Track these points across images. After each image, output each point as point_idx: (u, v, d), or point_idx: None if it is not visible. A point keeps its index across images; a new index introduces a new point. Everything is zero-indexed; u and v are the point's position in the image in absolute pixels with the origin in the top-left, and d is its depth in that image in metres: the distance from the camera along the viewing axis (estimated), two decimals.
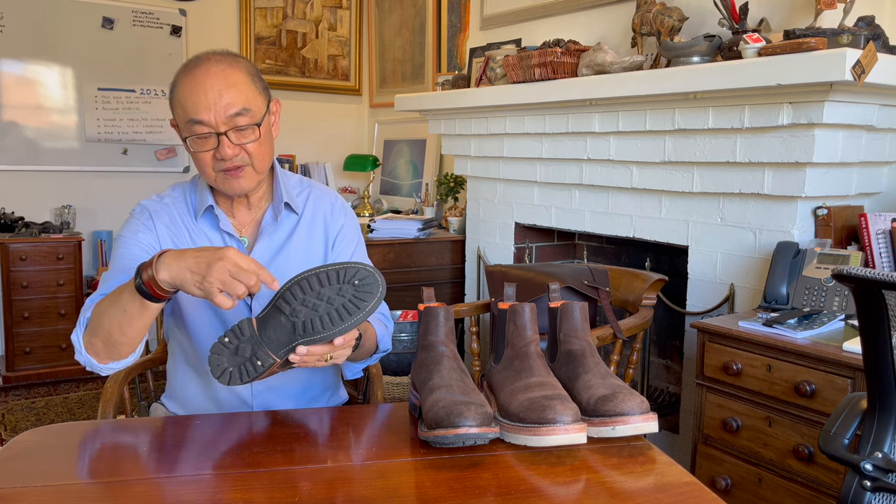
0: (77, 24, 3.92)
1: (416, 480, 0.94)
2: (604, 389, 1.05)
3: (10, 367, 3.61)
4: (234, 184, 1.33)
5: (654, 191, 2.35)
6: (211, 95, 1.27)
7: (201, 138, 1.29)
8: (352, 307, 1.05)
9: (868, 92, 1.83)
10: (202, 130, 1.28)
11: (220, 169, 1.32)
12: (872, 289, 0.93)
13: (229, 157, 1.29)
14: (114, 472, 0.99)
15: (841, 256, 1.83)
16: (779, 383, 1.61)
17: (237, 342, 1.08)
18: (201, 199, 1.41)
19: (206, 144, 1.30)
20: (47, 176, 3.93)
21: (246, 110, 1.30)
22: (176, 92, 1.31)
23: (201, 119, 1.27)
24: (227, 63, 1.31)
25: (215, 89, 1.28)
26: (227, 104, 1.28)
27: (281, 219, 1.43)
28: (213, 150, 1.30)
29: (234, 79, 1.30)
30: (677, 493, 0.91)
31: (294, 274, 1.12)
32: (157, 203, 1.44)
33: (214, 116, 1.27)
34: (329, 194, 1.53)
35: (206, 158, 1.31)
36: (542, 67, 2.51)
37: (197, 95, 1.27)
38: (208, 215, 1.42)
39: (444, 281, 3.43)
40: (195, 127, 1.29)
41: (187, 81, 1.29)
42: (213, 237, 1.42)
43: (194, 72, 1.30)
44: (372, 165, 4.27)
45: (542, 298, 2.03)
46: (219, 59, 1.32)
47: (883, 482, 1.01)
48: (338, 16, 4.73)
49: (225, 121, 1.28)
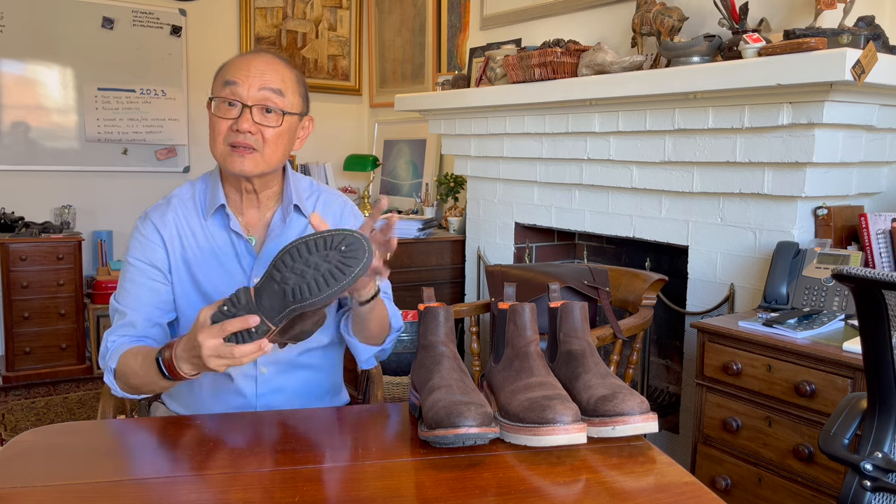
0: (77, 24, 3.92)
1: (416, 480, 0.94)
2: (604, 389, 1.05)
3: (10, 367, 3.61)
4: (238, 162, 1.33)
5: (654, 191, 2.35)
6: (254, 69, 1.32)
7: (226, 103, 1.32)
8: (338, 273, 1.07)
9: (868, 92, 1.83)
10: (231, 96, 1.31)
11: (231, 142, 1.32)
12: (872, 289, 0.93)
13: (244, 131, 1.30)
14: (114, 472, 0.99)
15: (841, 256, 1.83)
16: (779, 383, 1.61)
17: (234, 310, 1.10)
18: (213, 198, 1.41)
19: (228, 112, 1.32)
20: (47, 176, 3.93)
21: (280, 93, 1.33)
22: (222, 69, 1.36)
23: (236, 81, 1.31)
24: (281, 58, 1.39)
25: (261, 67, 1.33)
26: (264, 81, 1.32)
27: (290, 220, 1.43)
28: (233, 120, 1.31)
29: (281, 69, 1.36)
30: (677, 493, 0.91)
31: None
32: (162, 209, 1.43)
33: (248, 87, 1.31)
34: (338, 199, 1.53)
35: (223, 126, 1.32)
36: (542, 67, 2.51)
37: (241, 63, 1.33)
38: (219, 215, 1.42)
39: (444, 281, 3.43)
40: (226, 89, 1.32)
41: (238, 58, 1.36)
42: (221, 238, 1.41)
43: (245, 54, 1.37)
44: (372, 165, 4.27)
45: (542, 298, 2.03)
46: (273, 53, 1.39)
47: (883, 482, 1.01)
48: (338, 16, 4.73)
49: (256, 96, 1.31)
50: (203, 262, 1.40)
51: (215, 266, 1.40)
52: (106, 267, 4.00)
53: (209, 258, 1.40)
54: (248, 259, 1.41)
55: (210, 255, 1.40)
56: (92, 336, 3.82)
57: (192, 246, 1.40)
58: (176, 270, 1.40)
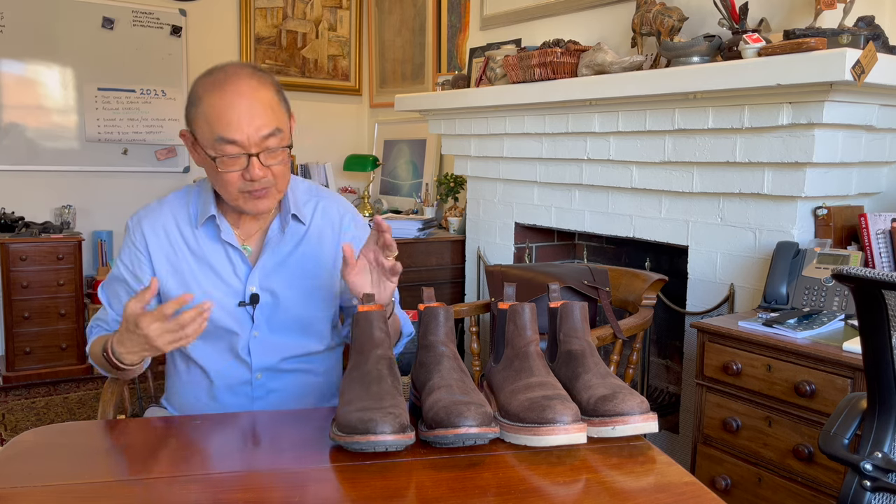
0: (77, 24, 3.92)
1: (416, 480, 0.94)
2: (604, 389, 1.05)
3: (10, 367, 3.61)
4: (259, 204, 1.32)
5: (654, 191, 2.35)
6: (244, 116, 1.24)
7: (231, 158, 1.26)
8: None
9: (868, 92, 1.83)
10: (233, 151, 1.25)
11: (246, 190, 1.30)
12: (872, 289, 0.93)
13: (258, 178, 1.27)
14: (114, 472, 0.99)
15: (841, 256, 1.83)
16: (779, 383, 1.61)
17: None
18: (203, 208, 1.39)
19: (234, 164, 1.27)
20: (47, 176, 3.93)
21: (278, 131, 1.28)
22: (201, 106, 1.27)
23: (234, 139, 1.25)
24: (256, 80, 1.28)
25: (248, 110, 1.25)
26: (259, 125, 1.25)
27: (287, 230, 1.42)
28: (242, 170, 1.28)
29: (265, 99, 1.27)
30: (677, 493, 0.91)
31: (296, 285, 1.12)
32: (154, 212, 1.42)
33: (248, 137, 1.25)
34: (338, 205, 1.51)
35: (233, 179, 1.28)
36: (542, 67, 2.51)
37: (229, 115, 1.24)
38: (209, 225, 1.40)
39: (444, 281, 3.43)
40: (226, 147, 1.25)
41: (217, 98, 1.25)
42: (212, 248, 1.40)
43: (223, 87, 1.25)
44: (372, 165, 4.27)
45: (542, 298, 2.03)
46: (248, 74, 1.28)
47: (883, 482, 1.01)
48: (338, 16, 4.73)
49: (257, 142, 1.26)
50: (197, 269, 1.39)
51: (210, 274, 1.39)
52: (106, 267, 4.00)
53: (203, 266, 1.39)
54: (243, 268, 1.40)
55: (203, 263, 1.39)
56: None
57: (184, 253, 1.39)
58: (164, 278, 1.39)
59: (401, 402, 1.02)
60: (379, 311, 1.13)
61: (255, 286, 1.39)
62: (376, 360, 1.08)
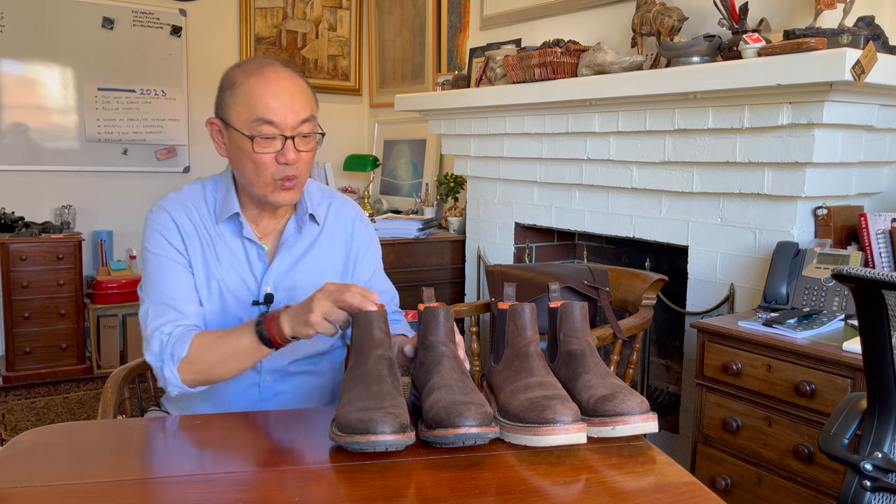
0: (77, 24, 3.92)
1: (416, 480, 0.93)
2: (604, 389, 1.05)
3: (10, 367, 3.61)
4: (287, 195, 1.33)
5: (654, 191, 2.35)
6: (284, 97, 1.28)
7: (267, 139, 1.28)
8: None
9: (868, 92, 1.83)
10: (270, 131, 1.28)
11: (281, 176, 1.30)
12: (872, 289, 0.93)
13: (293, 161, 1.29)
14: (114, 472, 0.99)
15: (841, 256, 1.83)
16: (779, 383, 1.61)
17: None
18: (225, 205, 1.39)
19: (270, 146, 1.29)
20: (47, 176, 3.93)
21: (312, 118, 1.32)
22: (240, 89, 1.29)
23: (272, 120, 1.27)
24: (290, 70, 1.33)
25: (288, 92, 1.29)
26: (297, 109, 1.29)
27: (304, 230, 1.43)
28: (276, 153, 1.29)
29: (301, 85, 1.33)
30: (677, 493, 0.91)
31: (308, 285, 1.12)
32: (176, 204, 1.40)
33: (285, 118, 1.28)
34: (350, 208, 1.53)
35: (268, 161, 1.29)
36: (542, 67, 2.51)
37: (268, 96, 1.27)
38: (231, 222, 1.40)
39: (444, 281, 3.43)
40: (263, 127, 1.27)
41: (256, 80, 1.28)
42: (233, 244, 1.40)
43: (262, 72, 1.29)
44: (372, 165, 4.27)
45: (542, 298, 2.03)
46: (282, 65, 1.33)
47: (883, 482, 1.01)
48: (338, 16, 4.73)
49: (293, 125, 1.29)
50: (219, 263, 1.39)
51: (228, 269, 1.39)
52: (106, 267, 4.00)
53: (223, 260, 1.39)
54: (259, 266, 1.41)
55: (224, 257, 1.40)
56: (92, 336, 3.83)
57: (209, 244, 1.39)
58: (195, 264, 1.38)
59: (401, 402, 1.02)
60: (379, 311, 1.13)
61: (270, 285, 1.40)
62: (376, 360, 1.08)
